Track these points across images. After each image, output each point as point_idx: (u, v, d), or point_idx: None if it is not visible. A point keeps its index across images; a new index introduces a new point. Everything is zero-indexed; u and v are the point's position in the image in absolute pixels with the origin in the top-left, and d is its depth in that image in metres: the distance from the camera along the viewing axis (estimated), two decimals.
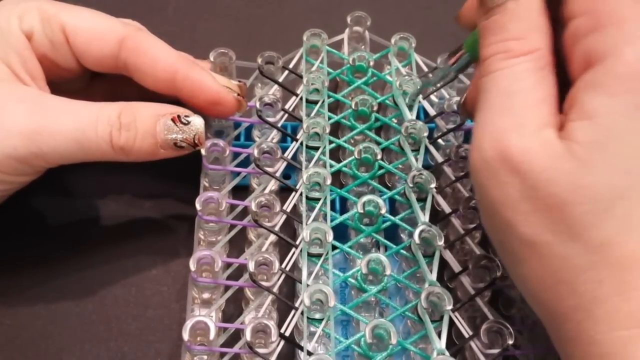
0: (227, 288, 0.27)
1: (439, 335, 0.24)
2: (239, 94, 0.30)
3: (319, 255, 0.26)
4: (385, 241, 0.28)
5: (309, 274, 0.26)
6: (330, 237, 0.26)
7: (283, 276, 0.26)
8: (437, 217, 0.29)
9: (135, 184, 0.33)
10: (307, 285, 0.25)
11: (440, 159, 0.30)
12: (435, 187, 0.28)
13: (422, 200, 0.28)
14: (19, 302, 0.29)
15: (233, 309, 0.28)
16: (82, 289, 0.29)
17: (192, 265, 0.25)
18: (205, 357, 0.25)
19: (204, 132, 0.27)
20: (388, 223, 0.28)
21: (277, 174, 0.29)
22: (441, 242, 0.26)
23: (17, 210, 0.31)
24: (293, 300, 0.26)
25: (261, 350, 0.24)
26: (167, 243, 0.31)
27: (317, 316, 0.25)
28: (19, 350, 0.27)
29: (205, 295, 0.27)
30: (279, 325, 0.24)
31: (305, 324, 0.25)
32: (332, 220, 0.28)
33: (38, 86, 0.27)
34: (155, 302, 0.29)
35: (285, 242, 0.27)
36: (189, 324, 0.24)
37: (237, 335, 0.25)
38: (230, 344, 0.25)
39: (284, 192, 0.29)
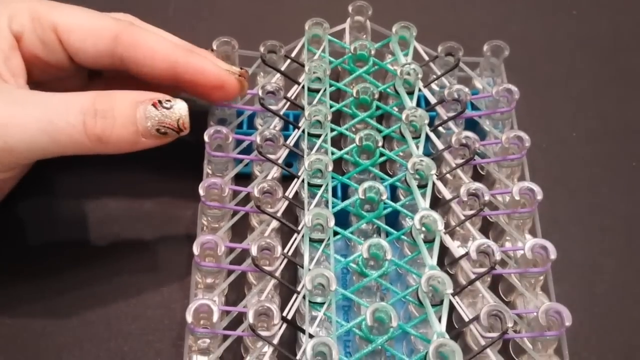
0: (229, 273, 0.27)
1: (440, 319, 0.25)
2: (240, 75, 0.30)
3: (320, 241, 0.27)
4: (386, 227, 0.28)
5: (311, 259, 0.26)
6: (331, 222, 0.27)
7: (285, 261, 0.27)
8: (437, 203, 0.29)
9: (135, 183, 0.34)
10: (309, 270, 0.25)
11: (440, 146, 0.31)
12: (436, 174, 0.29)
13: (422, 187, 0.29)
14: (19, 302, 0.29)
15: (236, 295, 0.29)
16: (82, 289, 0.30)
17: (196, 250, 0.26)
18: (208, 340, 0.26)
19: (187, 115, 0.27)
20: (389, 209, 0.29)
21: (279, 162, 0.30)
22: (441, 227, 0.27)
23: (16, 210, 0.32)
24: (295, 285, 0.27)
25: (263, 333, 0.24)
26: (167, 243, 0.32)
27: (319, 300, 0.25)
28: (19, 350, 0.28)
29: (209, 280, 0.27)
30: (281, 310, 0.25)
31: (307, 307, 0.25)
32: (333, 207, 0.28)
33: (17, 84, 0.28)
34: (155, 302, 0.30)
35: (288, 227, 0.28)
36: (192, 306, 0.24)
37: (239, 319, 0.26)
38: (232, 327, 0.25)
39: (286, 180, 0.30)
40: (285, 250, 0.26)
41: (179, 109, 0.26)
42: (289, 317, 0.25)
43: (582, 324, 0.29)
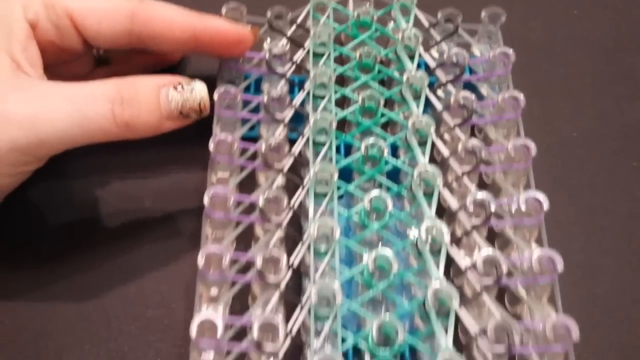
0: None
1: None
2: (252, 29, 0.32)
3: (324, 194, 0.28)
4: (388, 181, 0.30)
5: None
6: (335, 175, 0.28)
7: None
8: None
9: (134, 183, 0.33)
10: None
11: (439, 107, 0.32)
12: (435, 132, 0.30)
13: (422, 144, 0.30)
14: (19, 302, 0.30)
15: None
16: (82, 289, 0.30)
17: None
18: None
19: (207, 97, 0.28)
20: (390, 166, 0.30)
21: (286, 121, 0.31)
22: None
23: (16, 210, 0.32)
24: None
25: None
26: (167, 242, 0.32)
27: (323, 249, 0.26)
28: (19, 350, 0.28)
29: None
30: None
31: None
32: (337, 162, 0.30)
33: (36, 74, 0.28)
34: (155, 302, 0.30)
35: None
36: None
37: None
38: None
39: (292, 142, 0.30)
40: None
41: (199, 90, 0.27)
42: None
43: (582, 324, 0.29)
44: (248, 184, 0.30)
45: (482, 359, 0.25)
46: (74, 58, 0.31)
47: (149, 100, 0.27)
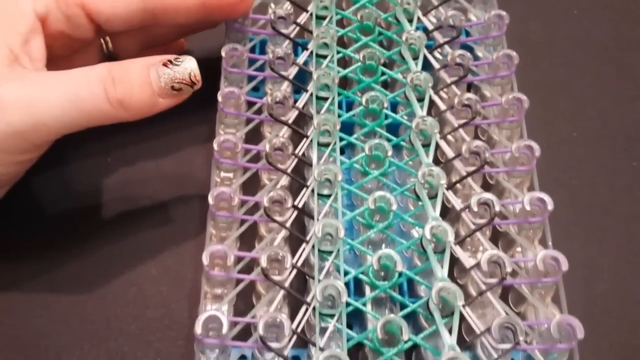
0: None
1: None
2: None
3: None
4: (387, 134, 0.31)
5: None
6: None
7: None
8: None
9: (134, 183, 0.33)
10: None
11: (437, 66, 0.34)
12: (432, 89, 0.32)
13: (421, 100, 0.32)
14: (19, 302, 0.30)
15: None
16: (82, 288, 0.30)
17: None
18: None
19: (197, 68, 0.28)
20: (390, 120, 0.32)
21: (290, 77, 0.32)
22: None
23: (15, 210, 0.32)
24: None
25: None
26: (167, 242, 0.32)
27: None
28: (19, 350, 0.28)
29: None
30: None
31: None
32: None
33: (35, 67, 0.28)
34: (155, 302, 0.30)
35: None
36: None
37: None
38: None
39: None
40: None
41: (188, 62, 0.28)
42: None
43: (582, 324, 0.29)
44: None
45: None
46: (84, 47, 0.31)
47: (139, 78, 0.27)
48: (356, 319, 0.29)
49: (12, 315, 0.29)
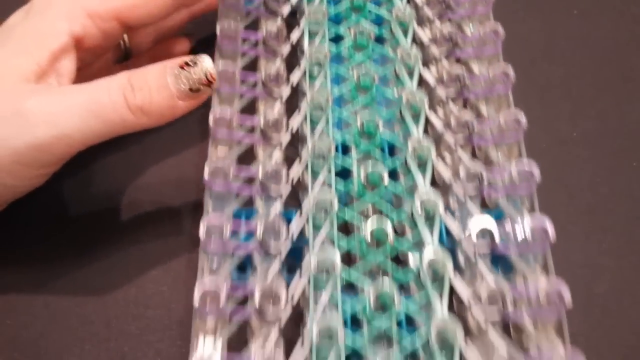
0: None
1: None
2: None
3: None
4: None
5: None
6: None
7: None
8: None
9: (134, 183, 0.33)
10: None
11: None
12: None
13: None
14: (19, 302, 0.30)
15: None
16: (82, 289, 0.30)
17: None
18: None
19: (213, 67, 0.28)
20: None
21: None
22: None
23: (15, 212, 0.31)
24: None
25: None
26: (167, 242, 0.32)
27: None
28: (19, 350, 0.29)
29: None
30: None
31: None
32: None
33: (61, 83, 0.29)
34: (155, 302, 0.30)
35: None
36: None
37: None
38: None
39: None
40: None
41: (204, 62, 0.28)
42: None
43: (582, 324, 0.29)
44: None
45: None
46: (110, 49, 0.33)
47: (157, 82, 0.27)
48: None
49: (12, 315, 0.29)
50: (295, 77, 0.32)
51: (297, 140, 0.32)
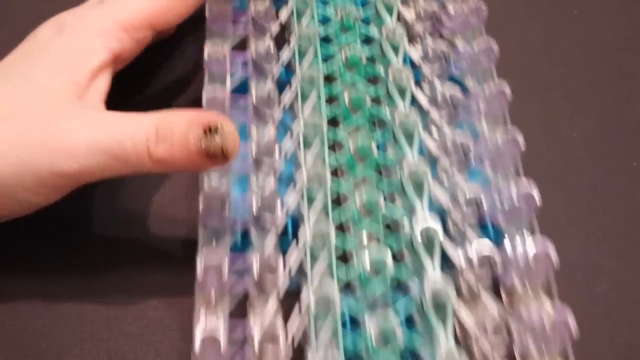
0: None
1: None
2: None
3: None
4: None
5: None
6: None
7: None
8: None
9: (133, 183, 0.33)
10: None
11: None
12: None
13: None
14: (19, 302, 0.30)
15: None
16: (82, 289, 0.30)
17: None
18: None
19: (233, 143, 0.27)
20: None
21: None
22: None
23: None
24: None
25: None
26: (167, 242, 0.32)
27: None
28: (19, 350, 0.28)
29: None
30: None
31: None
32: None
33: (96, 99, 0.29)
34: (155, 302, 0.30)
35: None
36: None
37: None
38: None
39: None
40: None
41: (226, 133, 0.27)
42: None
43: (582, 324, 0.29)
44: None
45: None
46: None
47: (180, 138, 0.27)
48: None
49: (12, 315, 0.29)
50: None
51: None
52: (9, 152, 0.26)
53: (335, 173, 0.31)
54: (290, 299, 0.27)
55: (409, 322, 0.27)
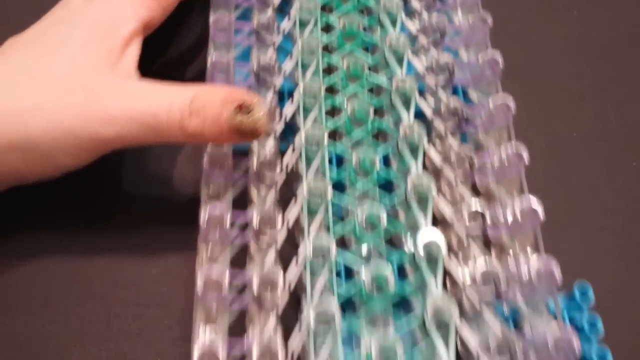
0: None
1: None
2: None
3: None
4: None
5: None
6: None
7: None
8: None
9: (133, 183, 0.33)
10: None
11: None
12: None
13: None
14: (19, 302, 0.30)
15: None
16: (82, 289, 0.30)
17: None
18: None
19: (264, 123, 0.28)
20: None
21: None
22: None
23: (15, 211, 0.31)
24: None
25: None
26: (167, 242, 0.32)
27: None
28: (19, 350, 0.29)
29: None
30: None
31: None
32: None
33: (129, 67, 0.30)
34: (155, 302, 0.30)
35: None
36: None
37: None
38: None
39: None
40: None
41: (257, 115, 0.28)
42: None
43: None
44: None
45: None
46: None
47: (213, 114, 0.27)
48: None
49: (12, 315, 0.29)
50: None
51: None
52: (52, 115, 0.27)
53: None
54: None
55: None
